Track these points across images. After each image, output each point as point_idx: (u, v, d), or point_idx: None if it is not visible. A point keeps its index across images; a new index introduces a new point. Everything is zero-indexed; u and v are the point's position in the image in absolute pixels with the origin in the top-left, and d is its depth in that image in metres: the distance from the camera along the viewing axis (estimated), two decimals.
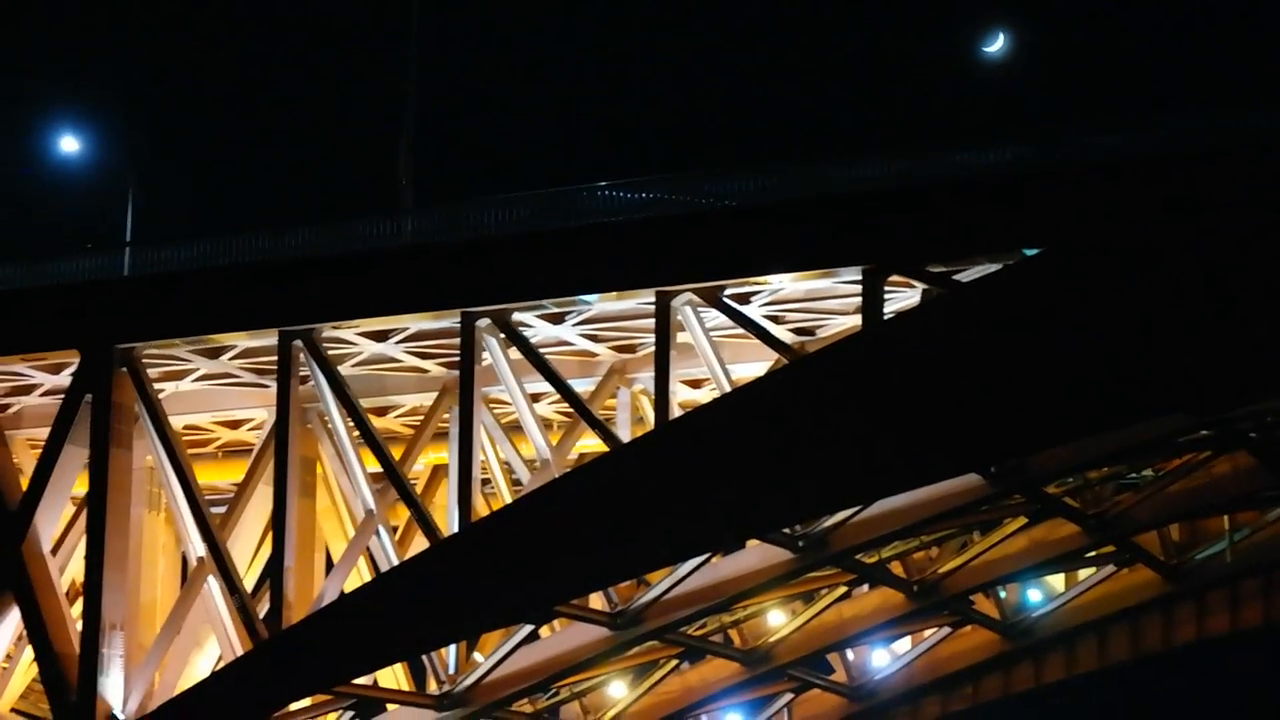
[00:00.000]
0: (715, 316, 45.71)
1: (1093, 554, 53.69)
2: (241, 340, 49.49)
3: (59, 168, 54.13)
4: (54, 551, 50.35)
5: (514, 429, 49.36)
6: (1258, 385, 40.91)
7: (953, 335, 41.23)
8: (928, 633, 59.37)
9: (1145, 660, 59.09)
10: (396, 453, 49.91)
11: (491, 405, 49.01)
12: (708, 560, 48.06)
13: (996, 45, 48.91)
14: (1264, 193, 39.42)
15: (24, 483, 50.00)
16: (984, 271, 41.97)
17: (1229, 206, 39.85)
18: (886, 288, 43.29)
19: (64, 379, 50.36)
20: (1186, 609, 56.42)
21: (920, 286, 42.75)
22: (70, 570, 50.64)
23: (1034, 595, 55.53)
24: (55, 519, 49.87)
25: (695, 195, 45.37)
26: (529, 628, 48.43)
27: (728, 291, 44.83)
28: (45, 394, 52.17)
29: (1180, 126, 40.69)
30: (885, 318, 43.21)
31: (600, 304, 47.61)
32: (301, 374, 49.35)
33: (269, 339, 48.94)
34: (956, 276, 42.19)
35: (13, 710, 50.65)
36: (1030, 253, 41.09)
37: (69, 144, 52.73)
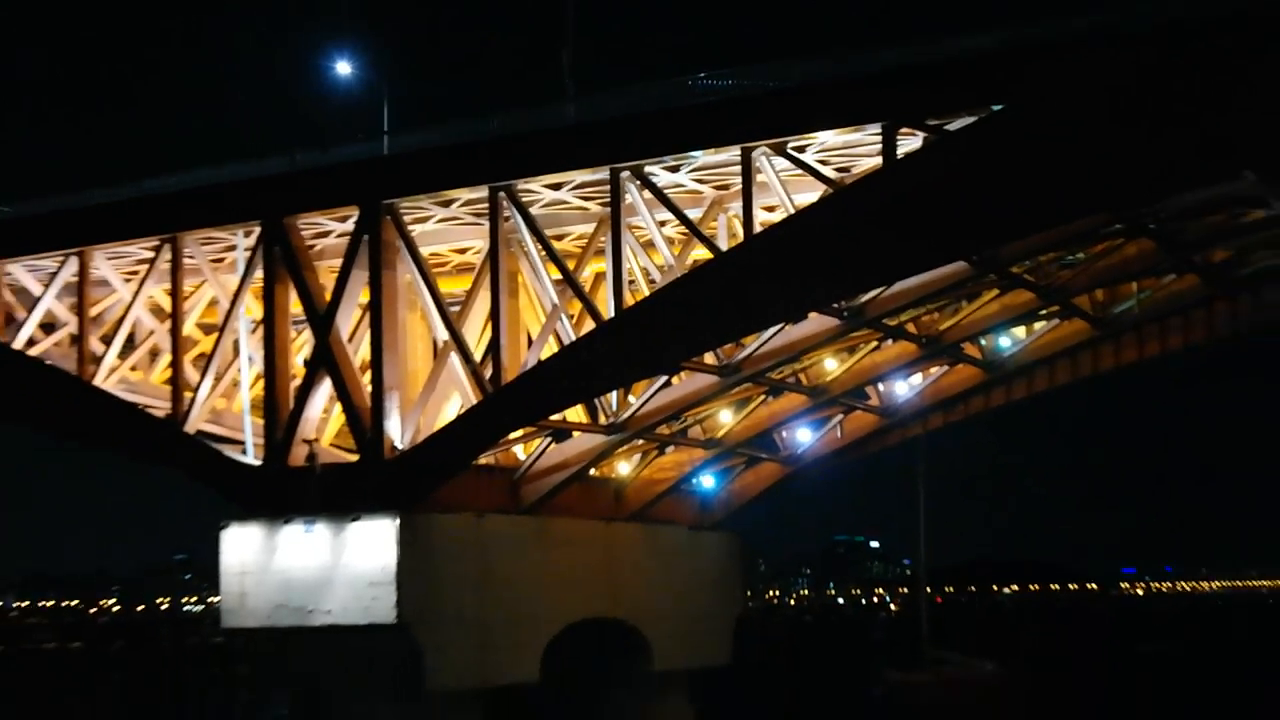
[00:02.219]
0: (782, 163, 49.62)
1: (1043, 312, 58.10)
2: (463, 193, 55.37)
3: (335, 82, 58.87)
4: (350, 340, 56.40)
5: (648, 245, 54.78)
6: (1155, 191, 46.61)
7: (944, 166, 45.96)
8: (932, 370, 63.82)
9: (1080, 382, 64.25)
10: (570, 265, 55.29)
11: (633, 229, 53.80)
12: (782, 328, 53.52)
13: None
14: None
15: (327, 295, 55.87)
16: (965, 122, 45.42)
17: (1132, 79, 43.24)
18: (898, 136, 46.56)
19: (349, 225, 56.34)
20: (1108, 347, 61.55)
21: (921, 135, 46.82)
22: (360, 352, 56.38)
23: (1004, 341, 60.32)
24: (349, 319, 56.19)
25: (763, 79, 49.53)
26: (664, 378, 55.15)
27: (789, 145, 49.14)
28: (339, 236, 57.94)
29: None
30: (898, 157, 46.41)
31: (704, 157, 51.97)
32: (504, 215, 53.86)
33: (481, 191, 54.36)
34: (947, 127, 45.88)
35: (331, 444, 57.66)
36: (996, 108, 44.48)
37: (343, 67, 58.06)
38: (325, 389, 56.13)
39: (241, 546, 55.74)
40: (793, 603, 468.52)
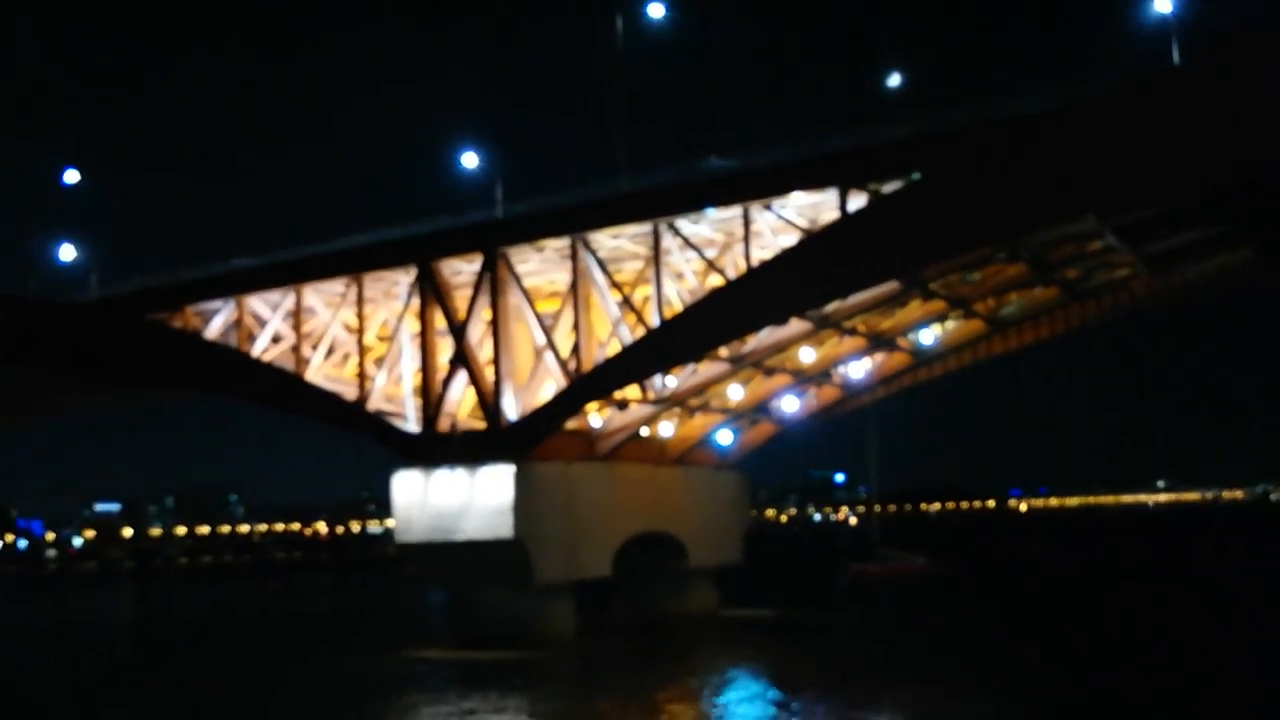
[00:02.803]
0: (770, 217, 50.02)
1: (951, 314, 56.85)
2: (553, 243, 55.38)
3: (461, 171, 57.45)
4: (478, 345, 56.31)
5: (679, 276, 54.45)
6: (1023, 230, 45.92)
7: (881, 216, 46.46)
8: (877, 356, 62.09)
9: (978, 362, 62.98)
10: (627, 290, 55.45)
11: (668, 265, 53.76)
12: (771, 330, 52.21)
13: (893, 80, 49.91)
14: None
15: (462, 314, 56.12)
16: (895, 185, 45.92)
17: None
18: (850, 195, 47.01)
19: (476, 266, 56.20)
20: (997, 338, 60.57)
21: (866, 194, 46.75)
22: (484, 353, 56.18)
23: (925, 336, 58.61)
24: (477, 331, 56.02)
25: (754, 159, 50.09)
26: (692, 366, 54.65)
27: (774, 204, 49.52)
28: (469, 274, 57.33)
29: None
30: (850, 211, 47.01)
31: (716, 213, 51.50)
32: (581, 257, 54.46)
33: (565, 241, 54.76)
34: (882, 189, 46.16)
35: (466, 417, 57.03)
36: (915, 176, 45.20)
37: (469, 159, 56.79)
38: (462, 379, 56.28)
39: (407, 487, 55.94)
40: (784, 519, 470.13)
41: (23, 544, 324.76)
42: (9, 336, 70.80)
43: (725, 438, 67.41)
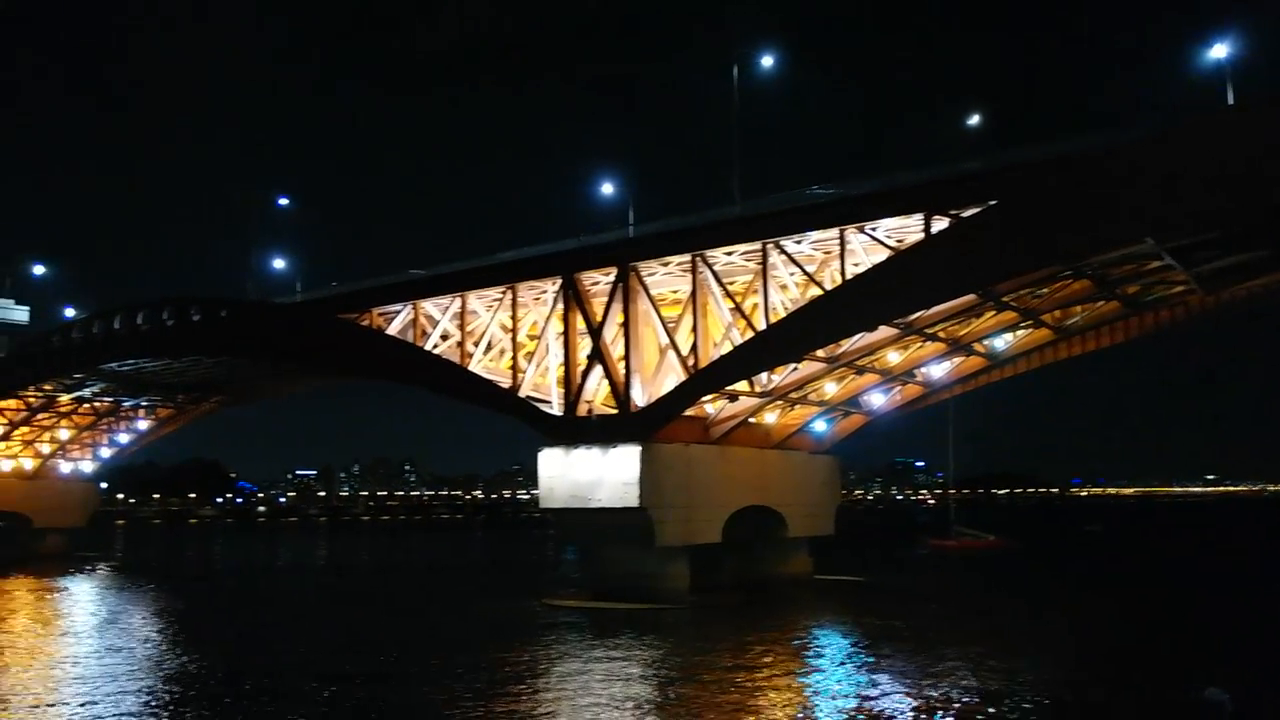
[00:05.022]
0: (863, 238, 49.29)
1: (1022, 324, 55.43)
2: (675, 259, 55.21)
3: (601, 194, 57.85)
4: (611, 343, 56.30)
5: (783, 288, 53.94)
6: (1088, 252, 44.34)
7: (960, 238, 44.79)
8: (955, 358, 61.03)
9: (1045, 366, 60.61)
10: (738, 299, 54.84)
11: (774, 278, 53.18)
12: (862, 336, 51.37)
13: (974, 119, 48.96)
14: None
15: (598, 318, 56.32)
16: (973, 211, 44.75)
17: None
18: (933, 220, 46.21)
19: (611, 277, 56.48)
20: (1063, 344, 58.73)
21: (947, 219, 45.81)
22: (617, 351, 56.13)
23: (999, 342, 58.12)
24: (611, 331, 56.15)
25: (850, 188, 49.11)
26: (793, 365, 54.04)
27: (867, 227, 48.82)
28: (605, 284, 57.53)
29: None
30: (933, 232, 46.11)
31: (816, 234, 51.11)
32: (700, 271, 54.38)
33: (686, 258, 54.72)
34: (962, 214, 45.10)
35: (601, 404, 57.08)
36: (991, 203, 43.97)
37: (607, 188, 57.52)
38: (598, 372, 56.52)
39: (551, 461, 56.33)
40: (870, 499, 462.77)
41: (239, 501, 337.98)
42: (234, 333, 74.20)
43: (820, 426, 66.77)
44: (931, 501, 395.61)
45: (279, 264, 77.18)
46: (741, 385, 55.45)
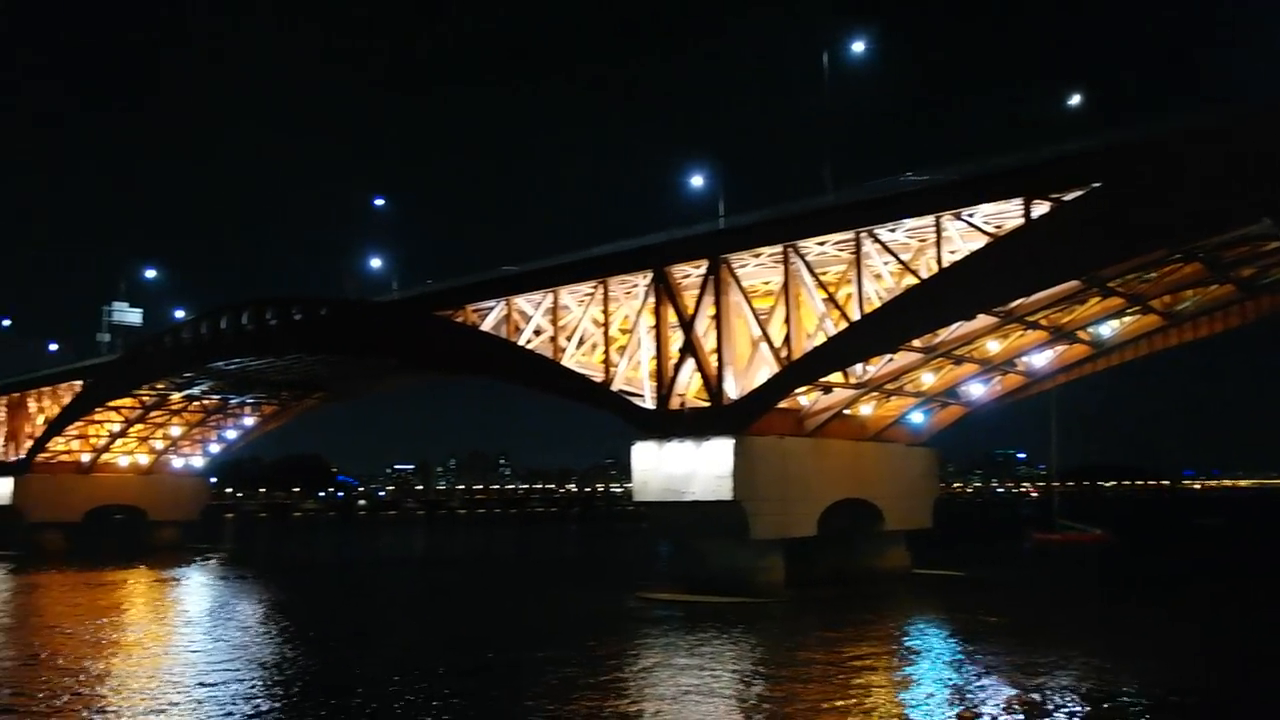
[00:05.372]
0: (960, 224, 48.13)
1: (1129, 310, 53.90)
2: (767, 249, 54.83)
3: (691, 187, 58.53)
4: (703, 336, 56.04)
5: (877, 277, 52.69)
6: (1200, 233, 42.71)
7: (1063, 222, 43.40)
8: (1058, 347, 59.26)
9: (1153, 354, 59.31)
10: (831, 289, 53.86)
11: (868, 267, 52.27)
12: (960, 325, 50.61)
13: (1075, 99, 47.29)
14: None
15: (690, 310, 56.11)
16: (1076, 194, 43.16)
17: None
18: (1033, 204, 44.76)
19: (702, 270, 56.23)
20: (1173, 331, 56.98)
21: (1048, 203, 44.18)
22: (709, 344, 55.74)
23: (1104, 329, 56.20)
24: (703, 324, 55.71)
25: (945, 173, 47.85)
26: (889, 356, 53.21)
27: (964, 213, 47.43)
28: (696, 276, 56.92)
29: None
30: (1034, 217, 44.63)
31: (910, 222, 49.59)
32: (792, 261, 53.67)
33: (778, 248, 54.18)
34: (1064, 198, 43.47)
35: (694, 397, 57.02)
36: (1095, 185, 42.36)
37: (696, 179, 58.02)
38: (690, 365, 56.52)
39: (644, 455, 56.57)
40: (969, 491, 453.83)
41: (340, 495, 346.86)
42: (333, 331, 76.21)
43: (918, 418, 65.64)
44: (1034, 494, 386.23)
45: (376, 263, 79.10)
46: (836, 377, 54.93)
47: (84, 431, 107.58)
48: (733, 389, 55.16)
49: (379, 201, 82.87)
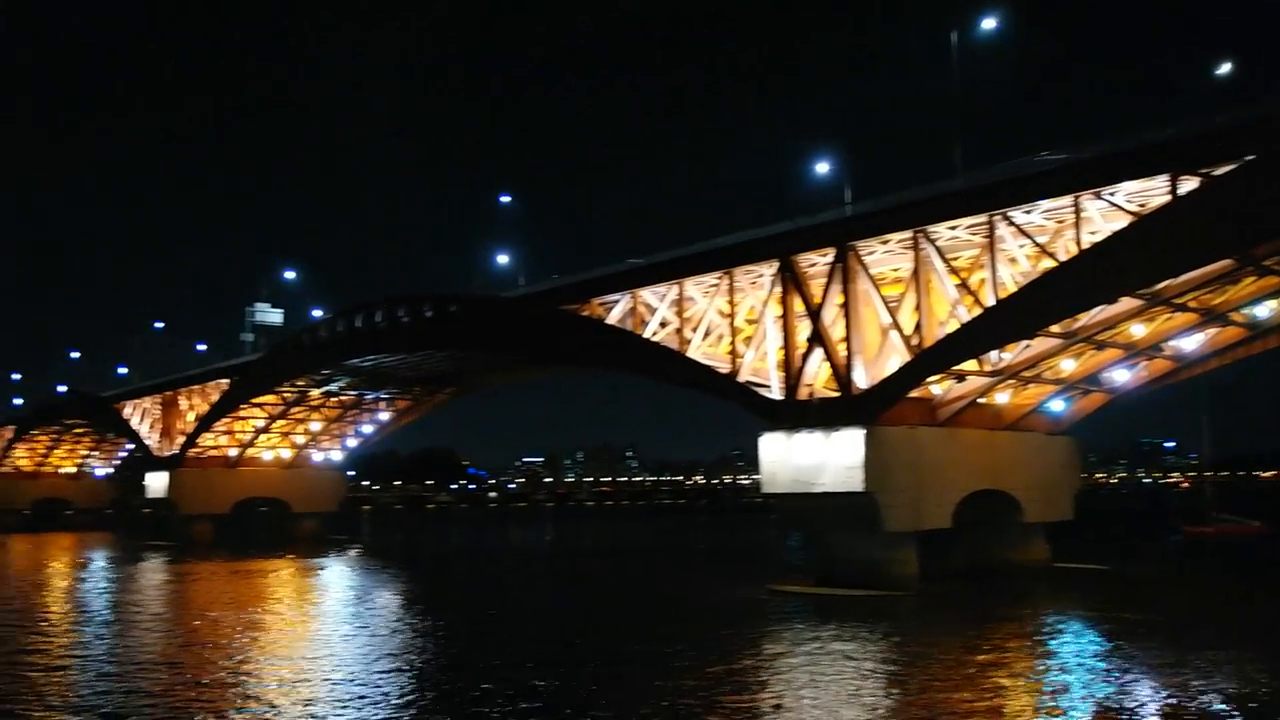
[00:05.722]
0: (1100, 203, 46.53)
1: None
2: (895, 236, 54.01)
3: (815, 174, 57.02)
4: (831, 325, 54.80)
5: (1012, 261, 51.80)
6: None
7: (1213, 198, 41.59)
8: (1209, 330, 56.44)
9: None
10: (963, 275, 52.30)
11: (1002, 251, 51.25)
12: (1102, 309, 48.57)
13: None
14: None
15: (817, 299, 55.63)
16: (1228, 168, 41.06)
17: None
18: (1180, 180, 42.87)
19: (829, 258, 55.56)
20: None
21: (1197, 179, 42.36)
22: (837, 333, 55.05)
23: (1261, 310, 53.41)
24: (830, 313, 55.09)
25: (1084, 151, 45.94)
26: (1025, 342, 51.60)
27: (1104, 192, 45.73)
28: (822, 265, 56.41)
29: None
30: (1181, 194, 42.80)
31: (1047, 204, 48.28)
32: (921, 247, 52.59)
33: (907, 234, 53.16)
34: (1214, 172, 41.59)
35: (822, 387, 56.44)
36: (1250, 158, 40.17)
37: (822, 166, 56.60)
38: (818, 354, 56.00)
39: (772, 446, 56.30)
40: (1113, 482, 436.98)
41: (472, 487, 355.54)
42: (462, 327, 78.14)
43: (1057, 406, 63.50)
44: (1185, 484, 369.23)
45: (503, 259, 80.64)
46: (969, 365, 53.73)
47: (230, 427, 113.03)
48: (862, 378, 54.41)
49: (505, 199, 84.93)
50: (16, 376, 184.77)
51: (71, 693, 29.30)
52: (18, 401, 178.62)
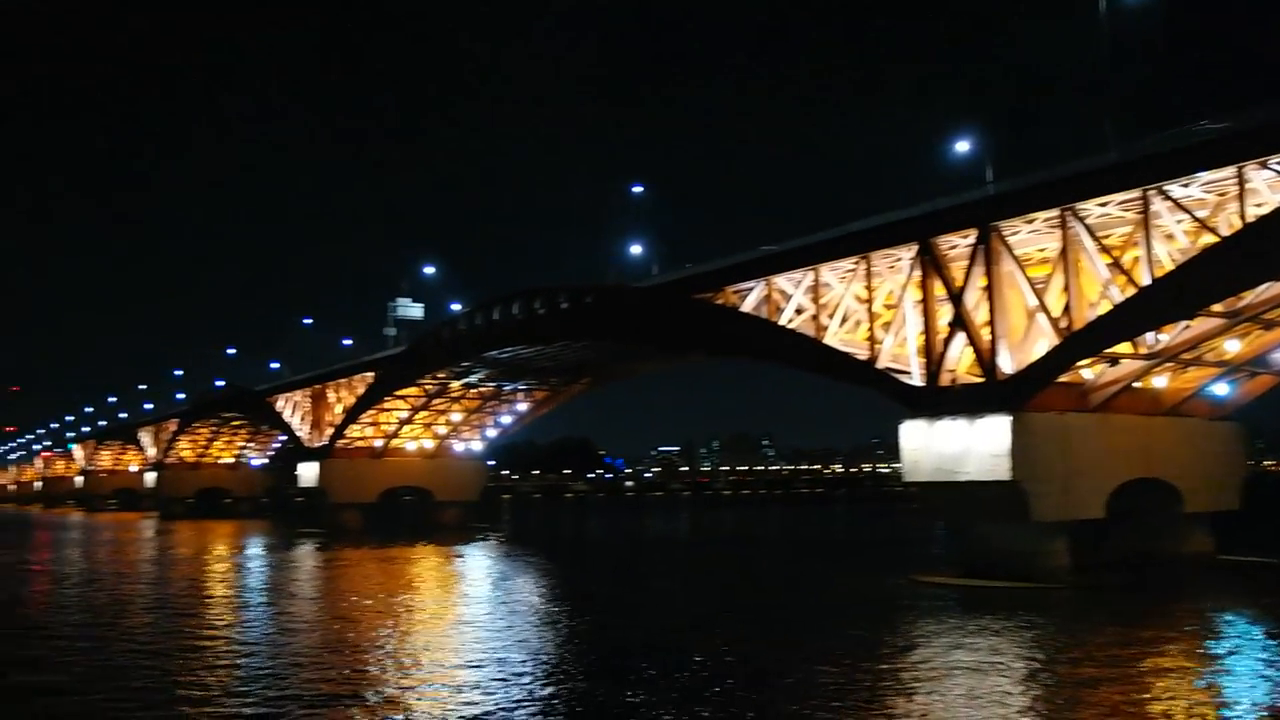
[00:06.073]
0: (1267, 173, 43.90)
1: None
2: (1041, 215, 52.11)
3: (954, 154, 55.44)
4: (974, 309, 53.68)
5: (1168, 237, 48.98)
6: None
7: None
8: None
9: None
10: (1116, 254, 50.49)
11: (1157, 227, 48.79)
12: (1270, 285, 46.77)
13: None
14: None
15: (958, 282, 54.23)
16: None
17: None
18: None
19: (970, 240, 54.34)
20: None
21: None
22: (980, 316, 53.35)
23: None
24: (973, 296, 53.30)
25: (1250, 119, 43.19)
26: (1184, 322, 49.68)
27: (1271, 161, 43.27)
28: (964, 247, 55.18)
29: None
30: None
31: (1207, 175, 46.01)
32: (1070, 226, 50.95)
33: (1054, 212, 51.33)
34: None
35: (965, 372, 55.23)
36: None
37: (962, 145, 54.95)
38: (960, 339, 54.84)
39: (913, 434, 55.49)
40: None
41: (609, 476, 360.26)
42: (597, 317, 79.27)
43: (1221, 389, 60.43)
44: None
45: (636, 249, 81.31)
46: (1123, 347, 51.74)
47: (375, 419, 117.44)
48: (1007, 363, 52.98)
49: (637, 189, 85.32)
50: (179, 373, 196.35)
51: (241, 670, 31.11)
52: (180, 396, 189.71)
